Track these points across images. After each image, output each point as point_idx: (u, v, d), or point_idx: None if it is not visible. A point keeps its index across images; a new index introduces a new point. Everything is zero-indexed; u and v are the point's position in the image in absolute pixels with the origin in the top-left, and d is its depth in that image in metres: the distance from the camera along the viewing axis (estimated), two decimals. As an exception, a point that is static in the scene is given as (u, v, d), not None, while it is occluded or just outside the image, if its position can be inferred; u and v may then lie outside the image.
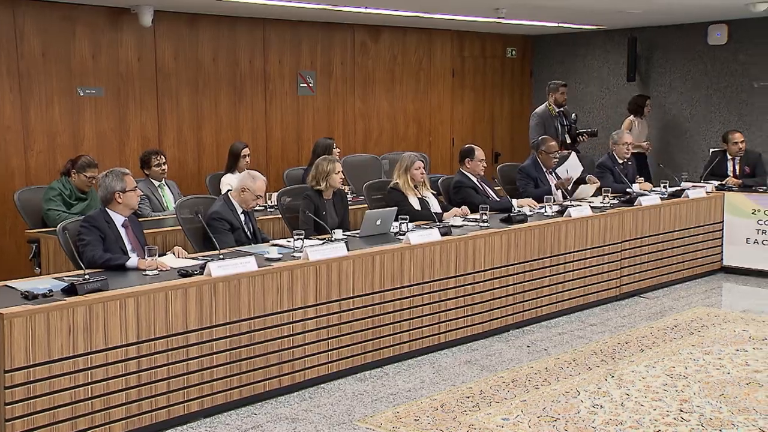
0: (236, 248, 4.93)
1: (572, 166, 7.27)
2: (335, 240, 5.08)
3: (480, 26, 10.13)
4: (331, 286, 4.66)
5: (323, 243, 4.95)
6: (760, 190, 7.39)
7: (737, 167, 7.93)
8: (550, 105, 8.79)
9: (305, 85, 9.26)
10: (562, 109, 8.86)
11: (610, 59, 10.91)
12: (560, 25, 10.08)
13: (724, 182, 7.76)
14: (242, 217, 5.26)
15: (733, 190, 7.56)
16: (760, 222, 7.23)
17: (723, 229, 7.48)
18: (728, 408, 4.20)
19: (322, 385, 4.64)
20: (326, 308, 4.65)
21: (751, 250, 7.29)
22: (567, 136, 8.76)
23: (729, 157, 8.01)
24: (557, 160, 7.23)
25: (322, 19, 9.14)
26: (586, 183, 7.30)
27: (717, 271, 7.49)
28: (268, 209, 6.51)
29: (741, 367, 4.86)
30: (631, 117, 9.44)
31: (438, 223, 5.65)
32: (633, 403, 4.29)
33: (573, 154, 7.68)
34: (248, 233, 5.27)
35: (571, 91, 11.33)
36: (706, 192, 7.47)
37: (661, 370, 4.81)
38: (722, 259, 7.50)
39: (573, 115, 9.05)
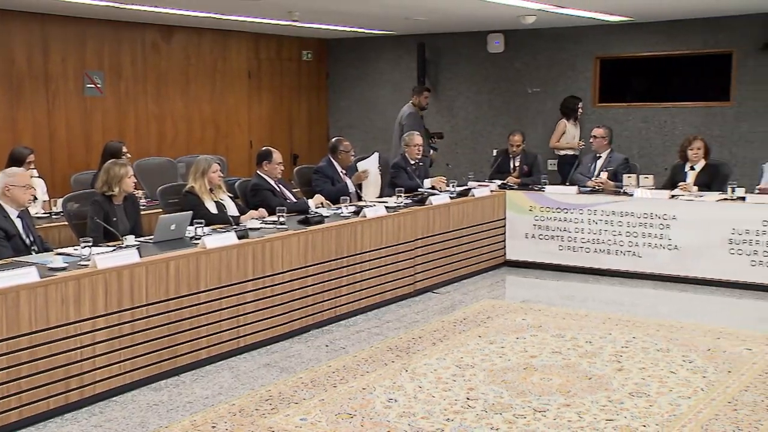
0: (15, 259, 4.62)
1: (369, 163, 7.59)
2: (126, 246, 4.90)
3: (276, 29, 10.17)
4: (123, 294, 4.49)
5: (113, 250, 4.76)
6: (535, 188, 7.98)
7: (517, 167, 8.52)
8: (415, 106, 9.22)
9: (92, 85, 8.84)
10: (423, 111, 9.32)
11: (401, 64, 11.34)
12: (353, 29, 10.34)
13: (505, 181, 8.31)
14: (18, 222, 4.93)
15: (513, 189, 8.11)
16: (536, 218, 7.81)
17: (505, 225, 7.99)
18: (508, 392, 4.52)
19: (114, 398, 4.46)
20: (117, 318, 4.47)
21: (530, 245, 7.87)
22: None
23: (510, 156, 8.58)
24: (354, 157, 7.48)
25: (109, 17, 8.76)
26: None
27: (501, 265, 7.99)
28: (53, 216, 6.15)
29: (520, 353, 5.25)
30: (564, 120, 9.49)
31: (235, 227, 5.61)
32: (425, 394, 4.50)
33: (375, 154, 7.93)
34: (27, 241, 4.94)
35: (364, 94, 11.68)
36: (491, 191, 7.95)
37: (451, 362, 5.09)
38: (505, 253, 8.02)
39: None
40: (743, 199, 6.92)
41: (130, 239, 5.08)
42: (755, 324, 5.96)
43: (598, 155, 8.01)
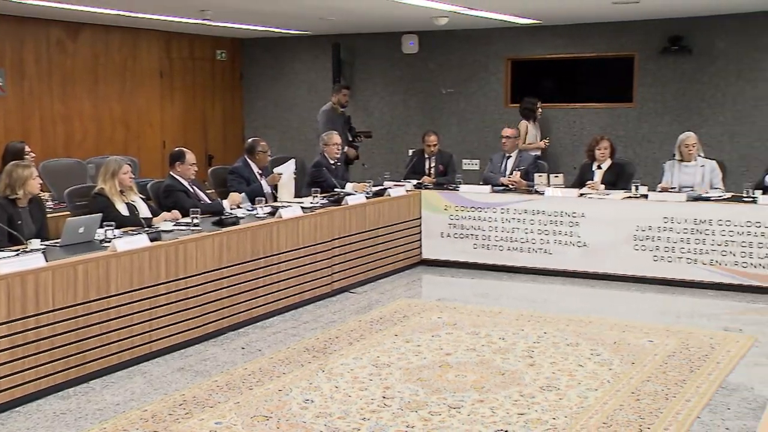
0: None
1: (285, 168, 7.56)
2: (31, 251, 4.74)
3: (188, 27, 10.01)
4: (27, 300, 4.34)
5: (17, 254, 4.60)
6: (450, 187, 8.10)
7: (432, 166, 8.61)
8: (334, 104, 9.18)
9: (-7, 84, 8.50)
10: (344, 109, 9.29)
11: (317, 64, 11.32)
12: (268, 29, 10.27)
13: (421, 181, 8.40)
14: None
15: (428, 188, 8.20)
16: (451, 217, 7.93)
17: (421, 224, 8.08)
18: (424, 390, 4.58)
19: (18, 409, 4.30)
20: (21, 324, 4.32)
21: (445, 243, 7.98)
22: (348, 134, 9.19)
23: (426, 156, 8.67)
24: (271, 157, 7.43)
25: (10, 13, 8.43)
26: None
27: (417, 264, 8.07)
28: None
29: (435, 351, 5.32)
30: (524, 121, 9.41)
31: (147, 229, 5.50)
32: (342, 394, 4.51)
33: (292, 160, 7.87)
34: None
35: (280, 94, 11.60)
36: (406, 190, 8.03)
37: (368, 361, 5.11)
38: (421, 252, 8.11)
39: (347, 116, 9.44)
40: (646, 197, 7.19)
41: (35, 243, 4.91)
42: (657, 317, 6.21)
43: (508, 155, 8.18)
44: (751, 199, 6.77)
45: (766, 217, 6.59)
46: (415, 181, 8.34)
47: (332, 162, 7.98)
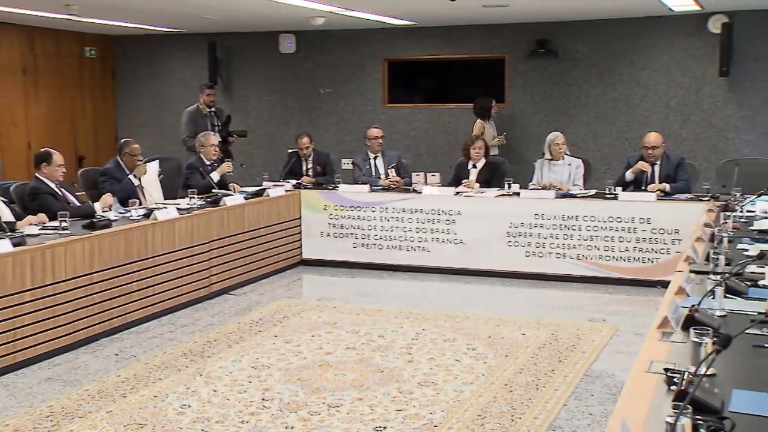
0: None
1: (150, 167, 7.42)
2: None
3: (53, 23, 9.58)
4: None
5: None
6: (329, 187, 8.13)
7: (311, 166, 8.61)
8: (201, 105, 8.98)
9: None
10: (212, 109, 9.05)
11: (192, 62, 11.10)
12: (139, 26, 9.97)
13: (300, 181, 8.39)
14: None
15: (307, 188, 8.20)
16: (331, 217, 7.96)
17: (301, 224, 8.07)
18: (303, 390, 4.59)
19: None
20: None
21: (325, 243, 8.00)
22: (218, 135, 8.92)
23: (302, 158, 8.65)
24: (142, 158, 7.20)
25: None
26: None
27: (297, 264, 8.06)
28: None
29: (315, 351, 5.34)
30: (479, 120, 9.24)
31: (10, 233, 5.24)
32: (220, 398, 4.46)
33: (155, 162, 7.67)
34: None
35: (155, 93, 11.31)
36: (286, 191, 8.00)
37: (247, 363, 5.07)
38: (301, 252, 8.10)
39: (226, 115, 9.20)
40: (518, 194, 7.46)
41: None
42: (529, 310, 6.46)
43: (374, 155, 8.28)
44: (612, 196, 7.15)
45: (627, 213, 6.98)
46: (293, 182, 8.32)
47: (209, 163, 7.84)
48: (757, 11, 8.69)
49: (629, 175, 7.31)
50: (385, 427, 4.06)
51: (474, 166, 7.96)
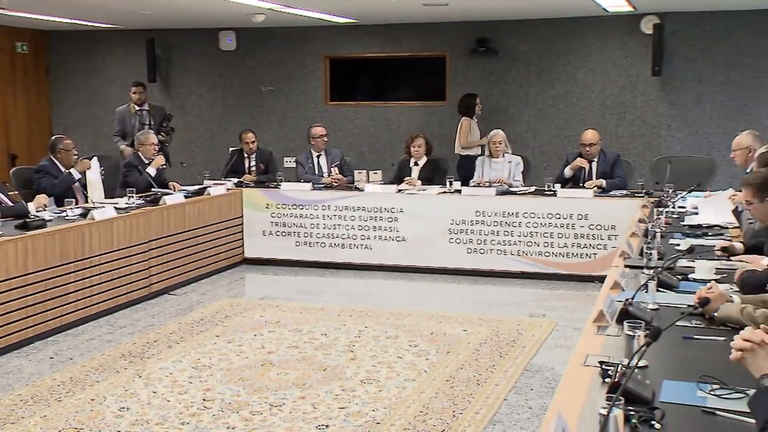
0: None
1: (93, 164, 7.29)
2: None
3: (-17, 17, 9.30)
4: None
5: None
6: (271, 185, 8.08)
7: (254, 164, 8.54)
8: (131, 104, 8.98)
9: None
10: (145, 107, 8.99)
11: (130, 59, 10.90)
12: (75, 21, 9.75)
13: (242, 179, 8.32)
14: None
15: (250, 187, 8.14)
16: (273, 215, 7.92)
17: (243, 223, 8.01)
18: (245, 390, 4.56)
19: None
20: None
21: (268, 242, 7.96)
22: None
23: (246, 155, 8.59)
24: (76, 156, 7.07)
25: None
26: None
27: (240, 263, 7.99)
28: None
29: (258, 350, 5.31)
30: (465, 118, 8.99)
31: (-61, 236, 5.08)
32: (160, 399, 4.40)
33: (95, 158, 7.53)
34: None
35: (92, 90, 11.07)
36: (227, 189, 7.92)
37: (188, 364, 5.02)
38: (243, 251, 8.04)
39: (165, 114, 9.09)
40: (460, 192, 7.53)
41: None
42: (470, 306, 6.54)
43: (318, 153, 8.26)
44: (551, 193, 7.27)
45: (565, 209, 7.10)
46: (235, 180, 8.25)
47: (147, 161, 7.72)
48: (686, 13, 8.93)
49: (568, 171, 7.45)
50: (327, 426, 4.06)
51: (416, 164, 8.01)
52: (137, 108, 9.02)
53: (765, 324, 2.58)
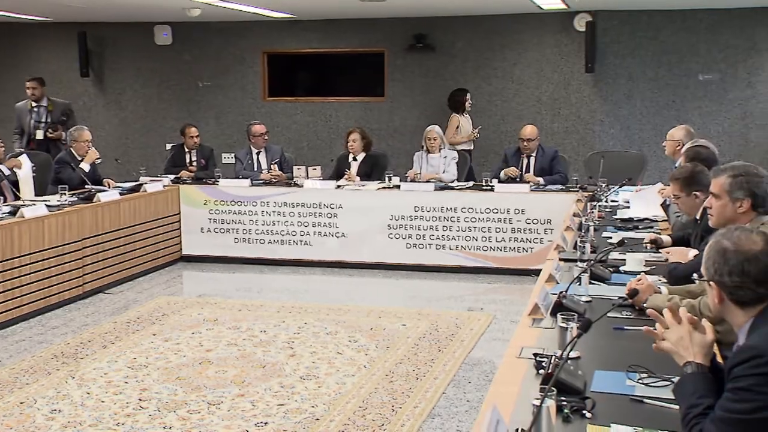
0: None
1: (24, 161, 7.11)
2: None
3: None
4: None
5: None
6: (209, 182, 7.99)
7: (195, 159, 8.41)
8: (29, 100, 8.76)
9: None
10: (42, 102, 8.76)
11: (61, 53, 10.63)
12: (2, 13, 9.45)
13: (179, 175, 8.20)
14: None
15: (187, 183, 8.03)
16: (211, 212, 7.83)
17: (181, 220, 7.90)
18: (183, 389, 4.50)
19: None
20: None
21: (206, 239, 7.86)
22: (38, 131, 8.59)
23: (186, 150, 8.46)
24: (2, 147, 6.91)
25: None
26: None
27: (177, 260, 7.88)
28: None
29: (196, 348, 5.25)
30: (454, 114, 8.87)
31: None
32: (94, 400, 4.32)
33: (24, 155, 7.33)
34: None
35: (19, 84, 10.74)
36: (164, 185, 7.80)
37: (123, 363, 4.93)
38: (181, 248, 7.93)
39: (63, 110, 8.83)
40: (398, 187, 7.56)
41: None
42: (409, 301, 6.58)
43: (258, 150, 8.20)
44: (489, 188, 7.36)
45: (503, 204, 7.20)
46: (172, 176, 8.13)
47: (80, 158, 7.55)
48: (617, 11, 9.13)
49: (502, 176, 7.54)
50: (266, 423, 4.05)
51: (354, 159, 8.01)
52: (33, 104, 8.77)
53: (691, 314, 2.65)
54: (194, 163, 8.37)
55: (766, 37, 8.90)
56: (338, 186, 7.69)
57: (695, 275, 3.09)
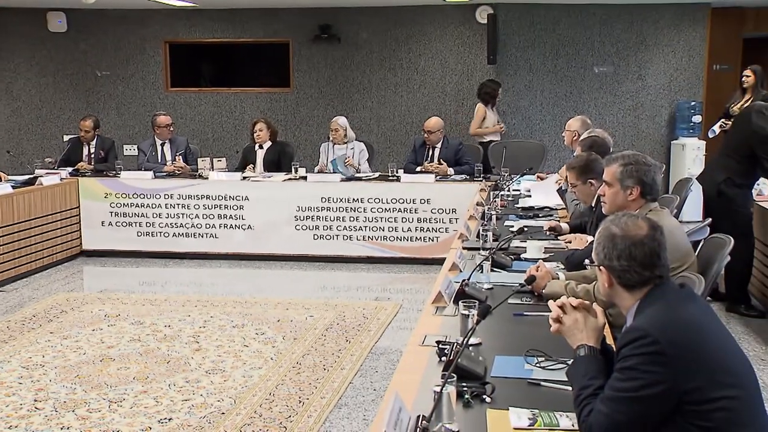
0: None
1: None
2: None
3: None
4: None
5: None
6: (110, 174, 7.76)
7: (93, 152, 8.15)
8: None
9: None
10: None
11: (-53, 40, 10.10)
12: None
13: (77, 168, 7.93)
14: None
15: (86, 176, 7.78)
16: (112, 205, 7.61)
17: (80, 214, 7.65)
18: (82, 387, 4.37)
19: None
20: None
21: (107, 233, 7.64)
22: None
23: (83, 143, 8.18)
24: None
25: None
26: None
27: (77, 255, 7.64)
28: None
29: (96, 345, 5.11)
30: (482, 105, 8.51)
31: None
32: (-13, 403, 4.15)
33: None
34: None
35: None
36: (61, 178, 7.54)
37: (17, 363, 4.75)
38: (81, 243, 7.68)
39: None
40: (305, 178, 7.53)
41: None
42: (317, 292, 6.58)
43: (162, 142, 8.03)
44: (395, 178, 7.42)
45: (409, 194, 7.27)
46: (70, 169, 7.86)
47: (8, 152, 7.22)
48: (517, 4, 9.33)
49: (420, 170, 7.57)
50: (170, 419, 3.98)
51: (261, 147, 7.93)
52: None
53: (585, 298, 2.76)
54: (92, 156, 8.10)
55: (654, 32, 9.28)
56: (244, 178, 7.60)
57: (586, 261, 3.21)
